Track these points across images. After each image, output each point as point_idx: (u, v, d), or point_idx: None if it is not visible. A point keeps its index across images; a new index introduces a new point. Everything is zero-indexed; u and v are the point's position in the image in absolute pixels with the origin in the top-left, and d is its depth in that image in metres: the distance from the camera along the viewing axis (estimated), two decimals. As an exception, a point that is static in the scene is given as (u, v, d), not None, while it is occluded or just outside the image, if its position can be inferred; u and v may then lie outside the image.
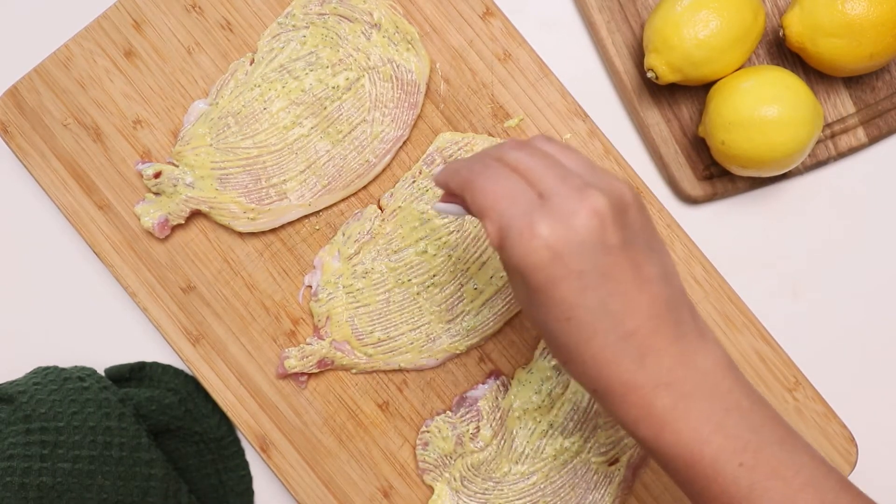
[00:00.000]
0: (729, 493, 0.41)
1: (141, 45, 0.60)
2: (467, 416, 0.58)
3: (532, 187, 0.41)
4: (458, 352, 0.59)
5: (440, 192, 0.59)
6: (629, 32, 0.62)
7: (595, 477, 0.58)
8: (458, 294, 0.58)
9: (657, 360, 0.41)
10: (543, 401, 0.57)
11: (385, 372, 0.60)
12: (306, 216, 0.60)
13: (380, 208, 0.59)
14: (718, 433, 0.41)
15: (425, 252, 0.58)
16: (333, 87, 0.59)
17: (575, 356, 0.41)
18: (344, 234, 0.59)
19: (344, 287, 0.59)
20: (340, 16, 0.59)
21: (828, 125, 0.62)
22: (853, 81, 0.62)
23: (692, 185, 0.62)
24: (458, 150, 0.59)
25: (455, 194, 0.45)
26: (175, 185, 0.58)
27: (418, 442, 0.59)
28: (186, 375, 0.61)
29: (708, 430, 0.41)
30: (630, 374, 0.41)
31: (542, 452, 0.57)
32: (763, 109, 0.55)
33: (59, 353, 0.62)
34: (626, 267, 0.40)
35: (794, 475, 0.41)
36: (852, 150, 0.62)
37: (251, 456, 0.62)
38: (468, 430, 0.58)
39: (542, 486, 0.57)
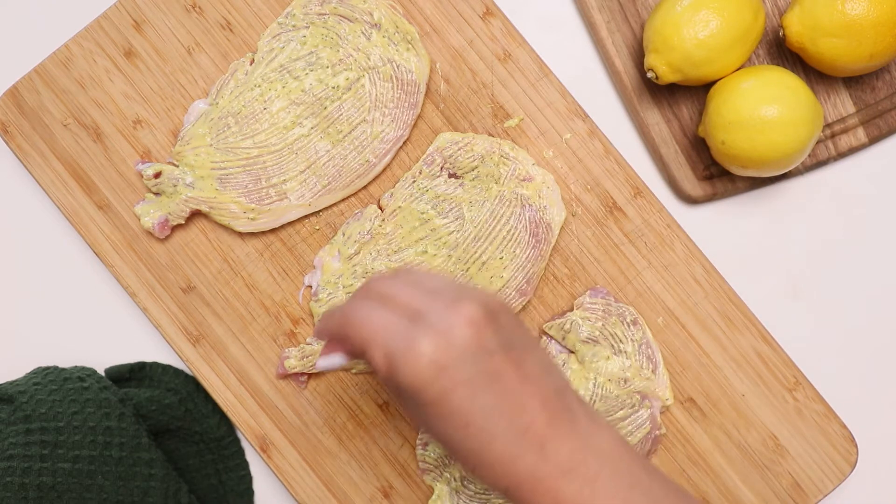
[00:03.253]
0: None
1: (141, 45, 0.60)
2: (467, 416, 0.58)
3: (405, 312, 0.42)
4: (458, 352, 0.59)
5: (440, 192, 0.59)
6: (629, 32, 0.62)
7: (595, 477, 0.58)
8: (458, 294, 0.58)
9: (557, 448, 0.42)
10: (543, 401, 0.57)
11: (385, 372, 0.60)
12: (306, 216, 0.60)
13: (380, 208, 0.59)
14: None
15: (425, 252, 0.58)
16: (333, 87, 0.59)
17: (481, 460, 0.42)
18: (344, 234, 0.59)
19: (344, 287, 0.59)
20: (340, 16, 0.59)
21: (828, 125, 0.62)
22: (853, 81, 0.62)
23: (692, 185, 0.62)
24: (458, 150, 0.59)
25: (335, 340, 0.46)
26: (175, 185, 0.58)
27: (418, 442, 0.59)
28: (186, 375, 0.61)
29: None
30: (535, 467, 0.42)
31: (542, 452, 0.57)
32: (763, 109, 0.55)
33: (59, 353, 0.62)
34: (508, 367, 0.42)
35: None
36: (852, 150, 0.62)
37: (251, 456, 0.62)
38: (468, 430, 0.58)
39: (542, 486, 0.57)
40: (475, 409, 0.41)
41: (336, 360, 0.46)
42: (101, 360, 0.62)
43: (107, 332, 0.63)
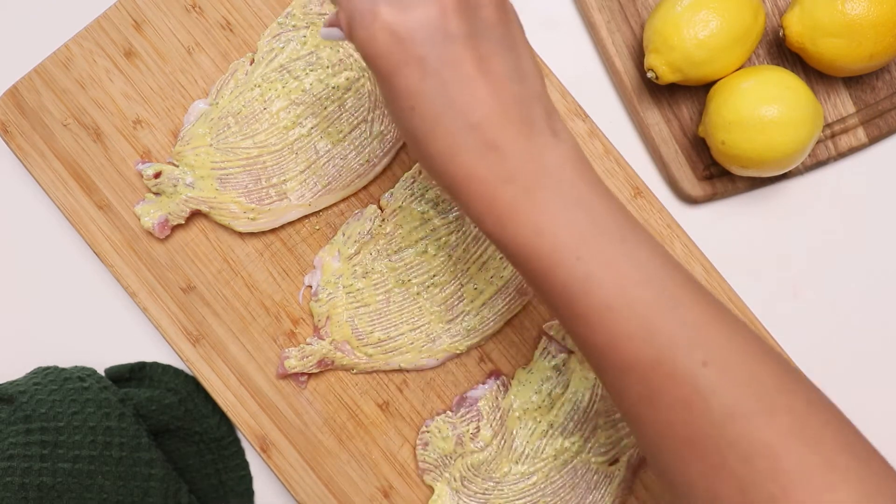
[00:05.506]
0: (567, 284, 0.41)
1: (141, 45, 0.60)
2: (467, 416, 0.58)
3: None
4: (458, 352, 0.59)
5: (440, 191, 0.59)
6: (629, 32, 0.62)
7: (595, 477, 0.58)
8: (458, 294, 0.58)
9: (501, 154, 0.41)
10: (543, 401, 0.57)
11: (385, 372, 0.60)
12: (306, 216, 0.60)
13: (380, 208, 0.59)
14: (558, 225, 0.41)
15: (425, 252, 0.58)
16: (334, 87, 0.59)
17: (423, 147, 0.41)
18: (344, 234, 0.59)
19: (344, 287, 0.59)
20: (340, 16, 0.59)
21: (828, 125, 0.62)
22: (853, 81, 0.62)
23: (692, 185, 0.62)
24: (458, 150, 0.59)
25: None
26: (175, 185, 0.58)
27: (418, 442, 0.59)
28: (186, 375, 0.61)
29: (547, 221, 0.41)
30: (474, 166, 0.41)
31: (542, 452, 0.57)
32: (763, 109, 0.55)
33: (59, 353, 0.62)
34: (468, 58, 0.40)
35: (632, 269, 0.41)
36: (852, 150, 0.62)
37: (251, 456, 0.62)
38: (468, 430, 0.58)
39: (542, 486, 0.57)
40: (422, 91, 0.40)
41: (335, 33, 0.46)
42: (101, 360, 0.62)
43: (107, 332, 0.63)
